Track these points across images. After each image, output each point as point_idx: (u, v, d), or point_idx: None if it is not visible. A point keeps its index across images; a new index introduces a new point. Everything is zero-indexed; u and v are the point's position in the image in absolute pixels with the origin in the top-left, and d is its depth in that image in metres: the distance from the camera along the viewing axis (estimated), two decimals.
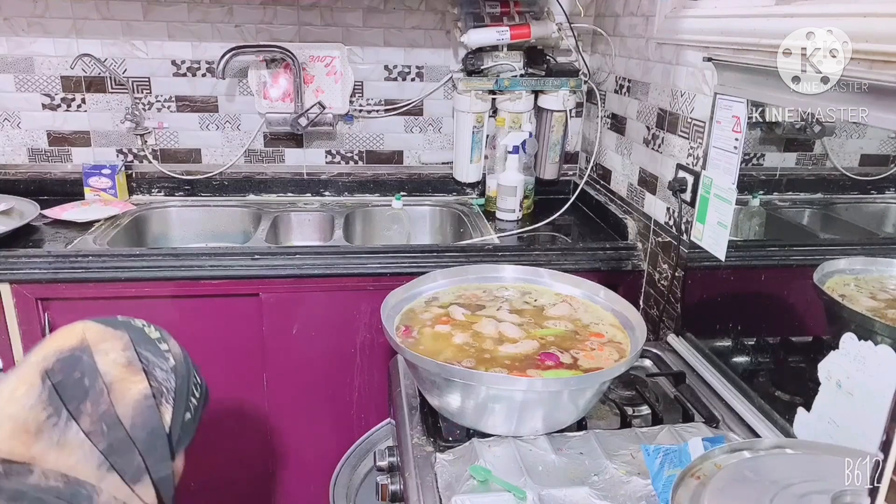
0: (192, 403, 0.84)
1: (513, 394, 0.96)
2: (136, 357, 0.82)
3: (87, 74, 1.90)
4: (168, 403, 0.82)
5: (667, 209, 1.55)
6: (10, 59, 1.86)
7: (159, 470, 0.79)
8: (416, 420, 1.10)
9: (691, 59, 1.42)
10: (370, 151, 2.09)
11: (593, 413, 1.11)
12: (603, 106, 1.93)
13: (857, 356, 0.87)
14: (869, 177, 1.01)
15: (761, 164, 1.19)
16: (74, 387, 0.76)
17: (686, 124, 1.45)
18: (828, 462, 0.75)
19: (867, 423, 0.86)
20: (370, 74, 2.00)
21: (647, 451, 0.89)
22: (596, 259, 1.67)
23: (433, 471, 0.96)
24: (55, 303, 1.54)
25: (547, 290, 1.29)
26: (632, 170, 1.75)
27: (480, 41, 1.86)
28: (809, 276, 1.01)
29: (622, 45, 1.81)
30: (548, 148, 1.99)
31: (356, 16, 1.94)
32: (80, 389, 0.77)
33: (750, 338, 1.19)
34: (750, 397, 1.13)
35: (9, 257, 1.51)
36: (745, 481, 0.75)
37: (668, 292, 1.51)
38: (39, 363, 0.77)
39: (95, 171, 1.90)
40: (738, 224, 1.20)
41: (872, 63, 0.86)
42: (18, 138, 1.94)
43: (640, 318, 1.13)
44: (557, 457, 0.95)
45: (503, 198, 1.89)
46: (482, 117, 1.95)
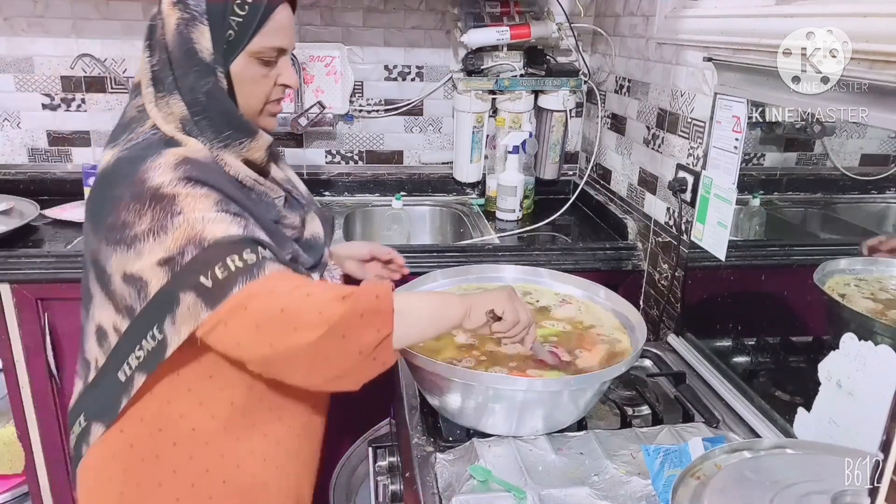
0: (233, 21, 0.91)
1: (513, 394, 0.96)
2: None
3: (87, 74, 1.90)
4: (202, 24, 0.91)
5: (667, 209, 1.55)
6: (10, 59, 1.86)
7: (191, 83, 0.92)
8: (416, 420, 1.10)
9: (691, 59, 1.42)
10: (370, 151, 2.09)
11: (593, 413, 1.11)
12: (603, 106, 1.93)
13: (857, 356, 0.87)
14: (869, 177, 1.01)
15: (761, 164, 1.19)
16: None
17: (686, 124, 1.45)
18: (828, 462, 0.75)
19: (867, 423, 0.86)
20: (370, 74, 2.00)
21: (647, 451, 0.89)
22: (596, 259, 1.67)
23: (433, 471, 0.96)
24: (55, 303, 1.54)
25: (547, 290, 1.29)
26: (632, 170, 1.75)
27: (480, 41, 1.86)
28: (809, 276, 1.01)
29: (622, 45, 1.81)
30: (548, 148, 2.00)
31: (356, 16, 1.94)
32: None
33: (750, 338, 1.19)
34: (750, 397, 1.13)
35: (9, 257, 1.51)
36: (746, 481, 0.75)
37: (668, 292, 1.51)
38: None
39: (95, 171, 1.89)
40: (738, 224, 1.20)
41: (872, 63, 0.86)
42: (18, 138, 1.94)
43: (640, 318, 1.13)
44: (557, 457, 0.95)
45: (503, 198, 1.89)
46: (482, 117, 1.95)
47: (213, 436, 0.98)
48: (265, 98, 1.00)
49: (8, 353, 1.56)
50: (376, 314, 0.83)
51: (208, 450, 0.99)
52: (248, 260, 0.85)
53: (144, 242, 0.85)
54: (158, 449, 0.98)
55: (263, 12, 0.92)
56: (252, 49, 0.94)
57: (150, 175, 0.87)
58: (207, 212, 0.86)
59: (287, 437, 1.05)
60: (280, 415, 1.03)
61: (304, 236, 1.08)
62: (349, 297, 0.83)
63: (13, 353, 1.56)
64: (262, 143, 1.00)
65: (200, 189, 0.88)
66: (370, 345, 0.83)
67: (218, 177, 0.92)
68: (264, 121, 1.02)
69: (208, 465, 0.99)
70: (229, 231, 0.86)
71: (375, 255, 1.30)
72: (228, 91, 0.95)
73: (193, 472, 0.99)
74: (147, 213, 0.85)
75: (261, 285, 0.84)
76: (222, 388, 0.97)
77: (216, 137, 0.95)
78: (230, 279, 0.83)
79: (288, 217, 1.03)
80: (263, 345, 0.84)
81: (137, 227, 0.85)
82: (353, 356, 0.83)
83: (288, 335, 0.82)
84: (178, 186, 0.86)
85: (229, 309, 0.83)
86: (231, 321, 0.83)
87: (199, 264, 0.84)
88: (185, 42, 0.91)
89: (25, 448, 1.65)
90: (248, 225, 0.90)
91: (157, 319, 0.86)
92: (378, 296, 0.84)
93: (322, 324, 0.81)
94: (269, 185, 1.03)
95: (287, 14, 0.97)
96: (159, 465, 0.98)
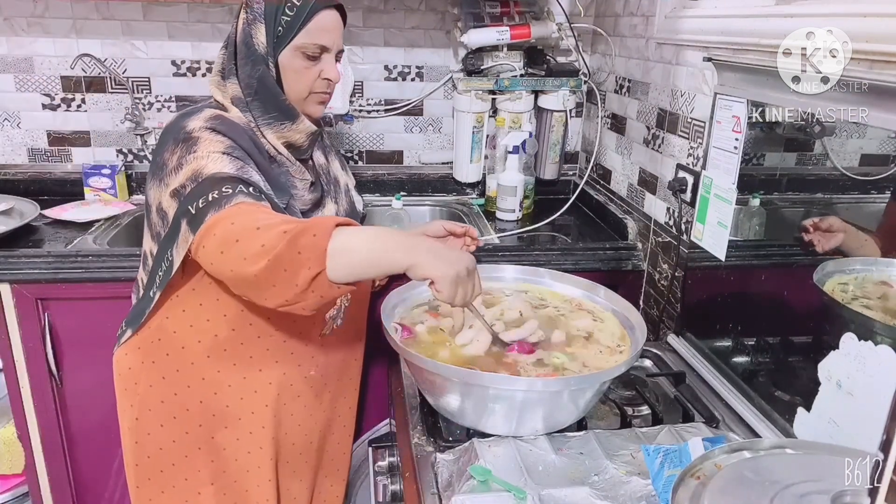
0: (283, 19, 1.11)
1: (513, 394, 0.96)
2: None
3: (87, 74, 1.90)
4: (260, 22, 1.11)
5: (667, 209, 1.55)
6: (10, 59, 1.86)
7: (248, 70, 1.12)
8: (416, 420, 1.10)
9: (691, 59, 1.42)
10: (370, 151, 2.09)
11: (593, 413, 1.11)
12: (603, 106, 1.93)
13: (857, 356, 0.87)
14: (869, 177, 1.01)
15: (761, 164, 1.19)
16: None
17: (686, 124, 1.45)
18: (828, 462, 0.75)
19: (867, 423, 0.86)
20: (370, 74, 2.00)
21: (647, 451, 0.89)
22: (596, 259, 1.67)
23: (433, 471, 0.96)
24: (55, 303, 1.54)
25: (547, 290, 1.29)
26: (632, 170, 1.75)
27: (480, 41, 1.86)
28: (809, 276, 1.01)
29: (622, 45, 1.81)
30: (548, 148, 2.00)
31: (356, 16, 1.94)
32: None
33: (750, 338, 1.19)
34: (750, 397, 1.13)
35: (9, 257, 1.51)
36: (745, 481, 0.75)
37: (668, 292, 1.51)
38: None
39: (95, 171, 1.90)
40: (738, 224, 1.20)
41: (872, 63, 0.86)
42: (18, 138, 1.94)
43: (640, 318, 1.13)
44: (557, 457, 0.95)
45: (503, 198, 1.89)
46: (482, 117, 1.95)
47: (197, 358, 1.16)
48: (308, 88, 1.16)
49: (8, 353, 1.56)
50: (312, 251, 0.88)
51: (193, 370, 1.17)
52: (225, 192, 0.97)
53: (171, 177, 1.03)
54: (155, 356, 1.17)
55: (308, 13, 1.11)
56: (297, 44, 1.12)
57: (187, 122, 1.07)
58: (214, 152, 1.02)
59: (266, 392, 1.19)
60: (261, 367, 1.18)
61: (314, 215, 1.21)
62: (289, 232, 0.89)
63: (13, 353, 1.56)
64: (303, 129, 1.17)
65: (219, 136, 1.05)
66: (306, 279, 0.89)
67: (243, 136, 1.09)
68: (310, 107, 1.18)
69: (190, 381, 1.18)
70: (222, 169, 1.00)
71: (449, 230, 1.37)
72: (277, 80, 1.13)
73: (177, 384, 1.18)
74: (177, 152, 1.03)
75: (225, 213, 0.95)
76: (209, 318, 1.14)
77: (262, 116, 1.14)
78: (206, 209, 0.96)
79: (299, 191, 1.18)
80: (226, 268, 0.94)
81: (170, 164, 1.03)
82: (293, 287, 0.90)
83: (240, 263, 0.91)
84: (203, 132, 1.05)
85: (202, 234, 0.96)
86: (206, 244, 0.96)
87: (192, 196, 0.98)
88: (246, 37, 1.12)
89: (25, 448, 1.65)
90: (245, 168, 1.03)
91: (169, 244, 1.03)
92: (315, 234, 0.89)
93: (263, 256, 0.89)
94: (297, 165, 1.19)
95: (331, 17, 1.14)
96: (154, 369, 1.18)
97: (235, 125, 1.10)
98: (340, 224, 0.91)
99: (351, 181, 1.40)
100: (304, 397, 1.25)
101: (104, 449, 1.65)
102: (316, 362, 1.25)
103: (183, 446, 1.20)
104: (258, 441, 1.21)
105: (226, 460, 1.22)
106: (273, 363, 1.19)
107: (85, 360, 1.58)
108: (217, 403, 1.19)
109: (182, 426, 1.19)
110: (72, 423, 1.64)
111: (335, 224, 0.91)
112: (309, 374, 1.24)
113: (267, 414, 1.20)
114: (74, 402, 1.62)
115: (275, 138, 1.15)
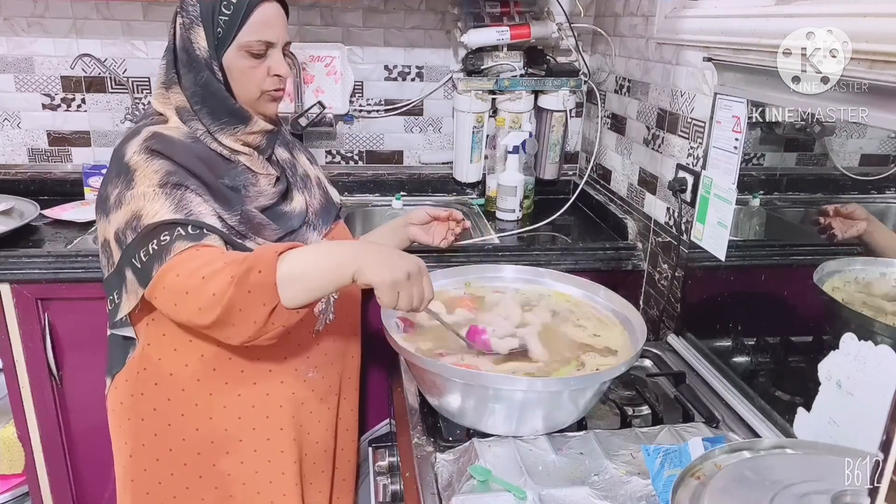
0: (221, 19, 1.05)
1: (513, 394, 0.96)
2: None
3: (87, 74, 1.90)
4: (198, 25, 1.06)
5: (667, 209, 1.55)
6: (10, 59, 1.86)
7: (191, 77, 1.08)
8: (416, 420, 1.10)
9: (691, 59, 1.42)
10: (370, 151, 2.09)
11: (593, 413, 1.11)
12: (603, 106, 1.93)
13: (857, 356, 0.87)
14: (869, 177, 1.01)
15: (761, 164, 1.19)
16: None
17: (686, 124, 1.45)
18: (828, 462, 0.75)
19: (867, 423, 0.86)
20: (370, 74, 2.00)
21: (647, 451, 0.89)
22: (596, 259, 1.67)
23: (433, 471, 0.96)
24: (55, 303, 1.54)
25: (547, 289, 1.29)
26: (632, 170, 1.75)
27: (480, 41, 1.86)
28: (809, 276, 1.01)
29: (622, 45, 1.81)
30: (548, 148, 2.00)
31: (356, 16, 1.94)
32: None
33: (750, 338, 1.19)
34: (750, 397, 1.13)
35: (9, 257, 1.51)
36: (745, 481, 0.75)
37: (668, 292, 1.51)
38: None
39: (95, 171, 1.90)
40: (738, 224, 1.20)
41: (872, 63, 0.86)
42: (18, 138, 1.94)
43: (640, 318, 1.13)
44: (557, 457, 0.95)
45: (503, 198, 1.89)
46: (482, 117, 1.95)
47: (187, 383, 1.11)
48: (259, 87, 1.10)
49: (8, 353, 1.56)
50: (262, 288, 0.90)
51: (184, 396, 1.12)
52: (163, 241, 0.97)
53: (113, 213, 1.01)
54: (144, 387, 1.13)
55: (246, 9, 1.05)
56: (239, 42, 1.06)
57: (126, 149, 1.03)
58: (150, 187, 1.00)
59: (265, 404, 1.14)
60: (255, 380, 1.13)
61: (282, 208, 1.17)
62: (235, 277, 0.90)
63: (13, 353, 1.56)
64: (258, 129, 1.12)
65: (156, 162, 1.01)
66: (263, 315, 0.91)
67: (182, 152, 1.04)
68: (263, 107, 1.13)
69: (183, 409, 1.12)
70: (158, 212, 0.98)
71: (433, 215, 1.36)
72: (225, 83, 1.09)
73: (170, 413, 1.12)
74: (118, 186, 1.01)
75: (168, 266, 0.96)
76: (191, 339, 1.09)
77: (213, 123, 1.09)
78: (149, 262, 0.97)
79: (259, 186, 1.13)
80: (183, 318, 0.96)
81: (111, 197, 1.01)
82: (253, 325, 0.92)
83: (195, 314, 0.93)
84: (139, 158, 1.01)
85: (151, 288, 0.97)
86: (157, 296, 0.97)
87: (133, 247, 0.99)
88: (185, 43, 1.07)
89: (25, 448, 1.65)
90: (183, 199, 1.00)
91: (116, 286, 1.04)
92: (261, 270, 0.90)
93: (217, 304, 0.91)
94: (259, 158, 1.14)
95: (272, 10, 1.08)
96: (144, 401, 1.13)
97: (173, 141, 1.05)
98: (283, 251, 0.92)
99: (322, 174, 1.33)
100: (307, 404, 1.18)
101: (104, 449, 1.64)
102: (312, 363, 1.18)
103: (183, 478, 1.14)
104: (265, 455, 1.15)
105: (230, 486, 1.15)
106: (267, 373, 1.12)
107: (85, 360, 1.58)
108: (214, 428, 1.12)
109: (179, 458, 1.13)
110: (72, 423, 1.64)
111: (277, 254, 0.91)
112: (307, 378, 1.17)
113: (269, 426, 1.14)
114: (74, 402, 1.62)
115: (231, 141, 1.10)
